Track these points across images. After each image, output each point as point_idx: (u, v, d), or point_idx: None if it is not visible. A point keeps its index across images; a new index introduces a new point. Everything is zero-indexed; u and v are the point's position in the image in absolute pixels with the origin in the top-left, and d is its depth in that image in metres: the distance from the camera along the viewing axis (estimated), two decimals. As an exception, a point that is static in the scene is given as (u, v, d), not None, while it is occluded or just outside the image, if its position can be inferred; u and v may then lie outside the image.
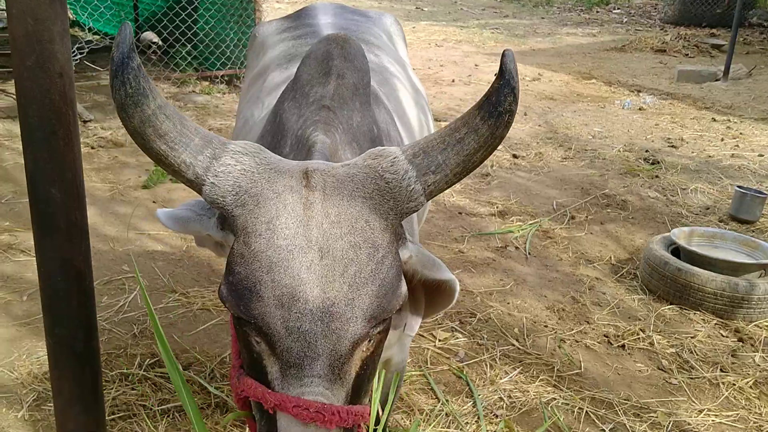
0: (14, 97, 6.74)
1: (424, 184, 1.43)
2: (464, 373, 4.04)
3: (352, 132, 1.93)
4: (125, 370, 3.74)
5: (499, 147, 7.61)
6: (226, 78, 10.08)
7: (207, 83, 10.05)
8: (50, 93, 1.68)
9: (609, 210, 6.68)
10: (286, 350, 1.32)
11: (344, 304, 1.33)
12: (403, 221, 2.02)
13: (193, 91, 9.78)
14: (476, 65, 13.50)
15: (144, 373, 3.74)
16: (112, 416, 3.37)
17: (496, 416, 3.70)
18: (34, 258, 4.72)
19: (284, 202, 1.39)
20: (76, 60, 8.92)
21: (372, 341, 1.42)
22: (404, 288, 1.47)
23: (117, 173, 6.81)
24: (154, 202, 6.19)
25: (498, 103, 1.43)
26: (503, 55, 1.46)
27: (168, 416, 3.46)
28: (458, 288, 1.67)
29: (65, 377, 1.87)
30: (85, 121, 8.16)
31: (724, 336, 4.64)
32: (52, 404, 3.43)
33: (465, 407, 3.76)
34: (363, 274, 1.35)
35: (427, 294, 1.74)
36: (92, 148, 7.40)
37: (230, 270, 1.39)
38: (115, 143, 7.61)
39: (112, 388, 3.59)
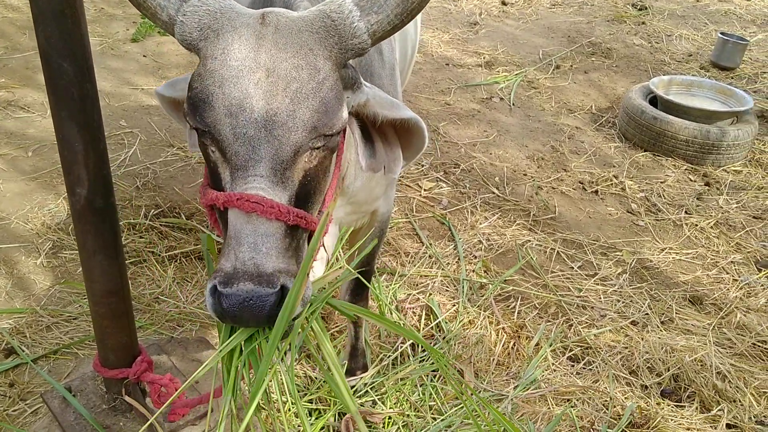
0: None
1: (367, 23, 1.61)
2: (447, 219, 4.35)
3: None
4: (132, 221, 4.03)
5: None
6: None
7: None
8: (56, -25, 1.83)
9: (594, 59, 6.79)
10: (234, 154, 1.54)
11: (286, 114, 1.54)
12: (381, 77, 2.22)
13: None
14: None
15: (150, 222, 4.02)
16: (126, 262, 3.68)
17: (475, 257, 4.04)
18: (34, 115, 4.93)
19: (240, 34, 1.60)
20: None
21: (314, 155, 1.62)
22: (345, 113, 1.66)
23: (105, 26, 6.82)
24: (144, 56, 6.26)
25: None
26: None
27: (175, 261, 3.79)
28: (424, 125, 1.86)
29: (88, 231, 2.12)
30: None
31: (692, 181, 4.94)
32: (67, 252, 3.77)
33: (447, 250, 4.10)
34: (304, 91, 1.56)
35: (401, 137, 1.95)
36: None
37: (190, 87, 1.62)
38: (101, -6, 7.53)
39: (122, 238, 3.88)
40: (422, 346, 3.35)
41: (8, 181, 4.30)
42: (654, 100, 5.49)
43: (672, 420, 2.99)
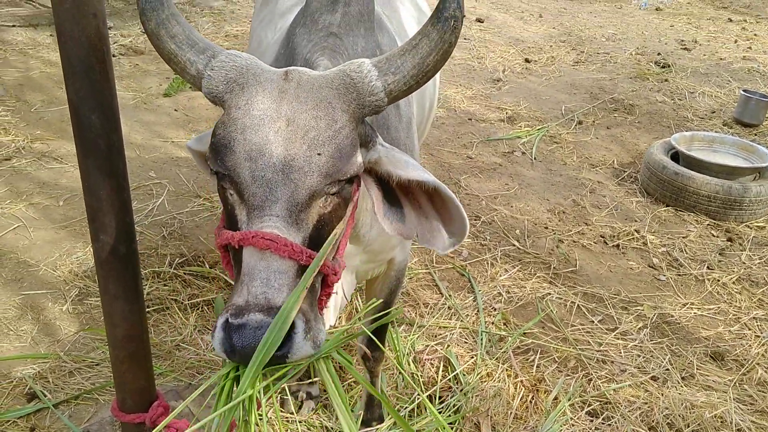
0: (37, 5, 6.87)
1: (384, 83, 1.70)
2: (467, 270, 4.38)
3: (356, 57, 2.17)
4: (157, 269, 4.11)
5: (511, 51, 7.69)
6: (240, -18, 10.11)
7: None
8: (86, 31, 1.92)
9: (616, 114, 6.85)
10: (251, 195, 1.61)
11: (303, 159, 1.62)
12: (398, 138, 2.28)
13: (210, -4, 9.85)
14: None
15: (174, 271, 4.11)
16: (148, 309, 3.75)
17: (494, 309, 4.05)
18: (67, 166, 5.08)
19: (263, 87, 1.70)
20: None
21: (329, 201, 1.69)
22: (359, 160, 1.73)
23: (139, 81, 7.05)
24: (175, 110, 6.45)
25: (444, 9, 1.67)
26: None
27: (197, 309, 3.85)
28: (450, 193, 1.86)
29: (110, 277, 2.19)
30: (104, 29, 8.30)
31: (714, 236, 4.92)
32: (92, 299, 3.85)
33: (466, 301, 4.12)
34: (321, 138, 1.64)
35: (438, 208, 1.95)
36: (113, 56, 7.60)
37: (213, 134, 1.71)
38: (136, 51, 7.80)
39: (146, 285, 3.97)
40: (440, 397, 3.35)
41: (39, 229, 4.43)
42: (676, 156, 5.51)
43: (692, 478, 2.95)
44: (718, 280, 4.41)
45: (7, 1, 8.76)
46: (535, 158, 5.94)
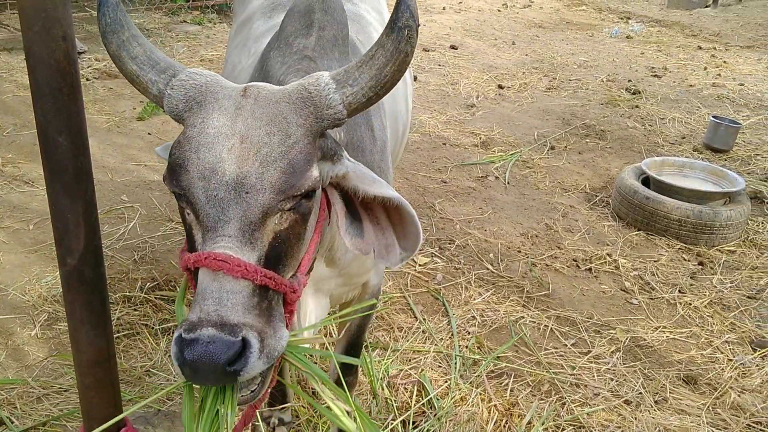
0: (12, 29, 6.83)
1: (342, 95, 1.70)
2: (441, 294, 4.38)
3: None
4: (128, 293, 4.06)
5: (485, 77, 7.77)
6: (216, 7, 10.15)
7: (198, 13, 10.12)
8: (55, 54, 1.91)
9: (588, 140, 6.94)
10: (205, 216, 1.61)
11: (255, 177, 1.60)
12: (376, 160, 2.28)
13: (185, 21, 9.86)
14: (468, -9, 13.48)
15: (145, 295, 4.06)
16: (118, 334, 3.70)
17: (468, 333, 4.04)
18: (38, 189, 5.03)
19: (220, 105, 1.70)
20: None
21: (285, 218, 1.67)
22: (315, 173, 1.71)
23: (113, 105, 7.02)
24: (149, 133, 6.42)
25: (397, 20, 1.67)
26: None
27: (168, 334, 3.80)
28: (411, 209, 1.88)
29: (77, 301, 2.15)
30: (79, 53, 8.27)
31: (686, 260, 4.97)
32: (62, 324, 3.79)
33: (440, 325, 4.11)
34: (273, 155, 1.62)
35: (395, 224, 1.97)
36: (87, 79, 7.57)
37: (170, 154, 1.70)
38: (109, 74, 7.78)
39: (116, 310, 3.92)
40: (413, 422, 3.33)
41: (8, 253, 4.36)
42: (647, 181, 5.58)
43: (665, 501, 2.94)
44: (690, 304, 4.44)
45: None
46: (508, 183, 5.98)
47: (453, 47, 9.78)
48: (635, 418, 3.43)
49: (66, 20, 1.92)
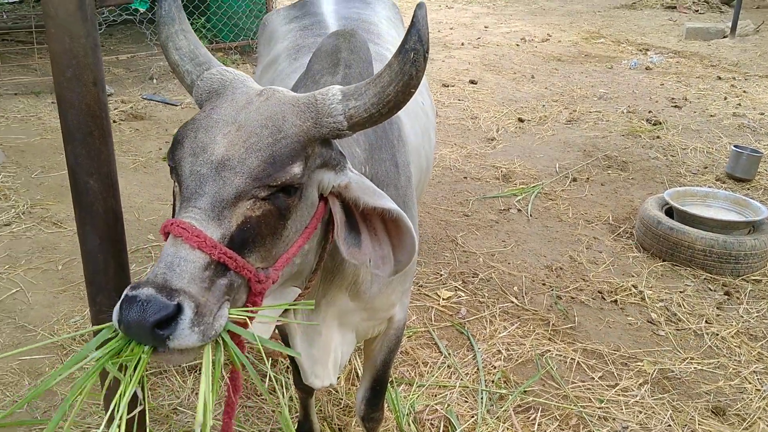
0: (38, 73, 7.04)
1: (345, 106, 1.78)
2: (465, 328, 4.37)
3: None
4: (155, 332, 4.09)
5: (504, 110, 7.82)
6: (239, 49, 10.34)
7: (221, 54, 10.30)
8: (86, 99, 1.98)
9: (610, 171, 6.93)
10: (185, 187, 1.69)
11: (236, 161, 1.68)
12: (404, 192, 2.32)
13: (208, 62, 10.03)
14: (486, 27, 13.62)
15: (172, 334, 4.08)
16: (146, 373, 3.72)
17: (494, 367, 4.03)
18: (66, 229, 5.12)
19: (234, 98, 1.83)
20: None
21: (257, 206, 1.70)
22: (296, 170, 1.74)
23: (139, 145, 7.15)
24: (174, 173, 6.50)
25: (405, 42, 1.74)
26: (417, 6, 1.74)
27: (196, 371, 3.83)
28: (409, 222, 1.90)
29: (107, 338, 2.21)
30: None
31: (711, 290, 4.92)
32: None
33: (466, 359, 4.10)
34: (259, 144, 1.70)
35: (393, 236, 1.98)
36: (114, 121, 7.73)
37: (176, 132, 1.82)
38: (136, 116, 7.94)
39: (143, 348, 3.94)
40: (439, 459, 3.31)
41: (37, 293, 4.44)
42: (670, 211, 5.56)
43: None
44: (717, 334, 4.40)
45: (9, 70, 8.94)
46: (531, 215, 5.99)
47: (472, 82, 9.86)
48: (665, 452, 3.38)
49: (96, 66, 1.99)
